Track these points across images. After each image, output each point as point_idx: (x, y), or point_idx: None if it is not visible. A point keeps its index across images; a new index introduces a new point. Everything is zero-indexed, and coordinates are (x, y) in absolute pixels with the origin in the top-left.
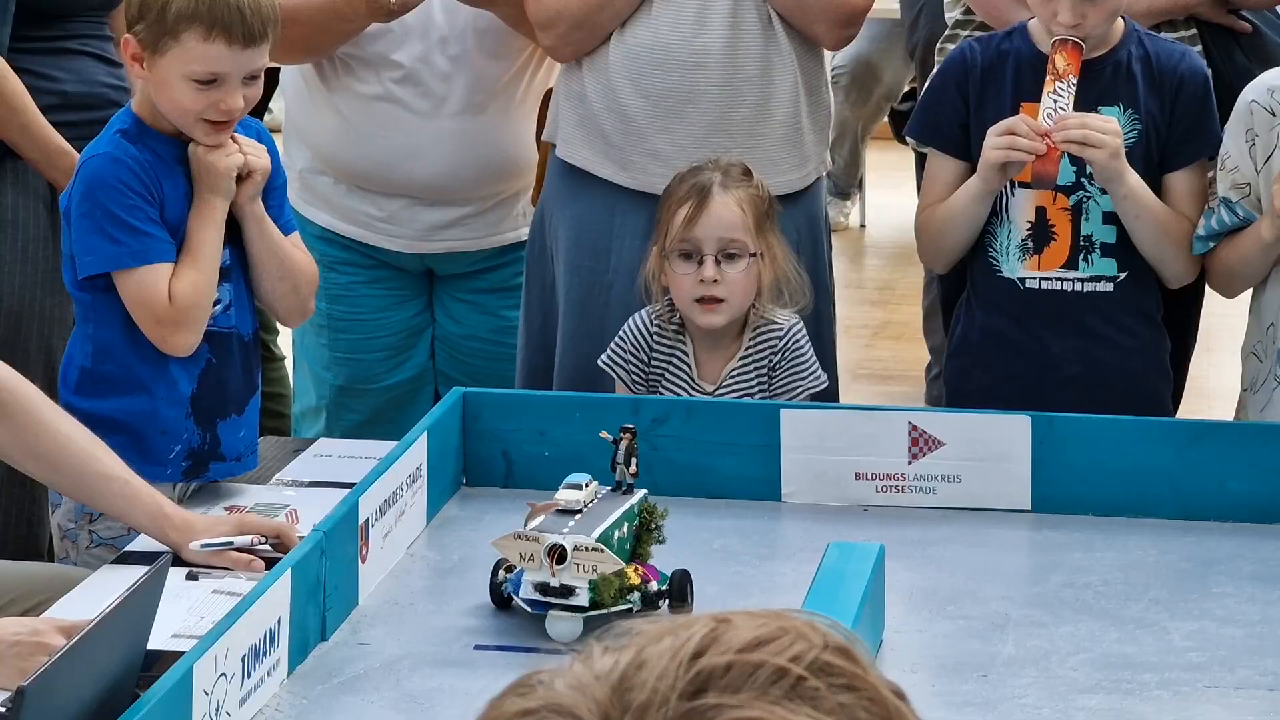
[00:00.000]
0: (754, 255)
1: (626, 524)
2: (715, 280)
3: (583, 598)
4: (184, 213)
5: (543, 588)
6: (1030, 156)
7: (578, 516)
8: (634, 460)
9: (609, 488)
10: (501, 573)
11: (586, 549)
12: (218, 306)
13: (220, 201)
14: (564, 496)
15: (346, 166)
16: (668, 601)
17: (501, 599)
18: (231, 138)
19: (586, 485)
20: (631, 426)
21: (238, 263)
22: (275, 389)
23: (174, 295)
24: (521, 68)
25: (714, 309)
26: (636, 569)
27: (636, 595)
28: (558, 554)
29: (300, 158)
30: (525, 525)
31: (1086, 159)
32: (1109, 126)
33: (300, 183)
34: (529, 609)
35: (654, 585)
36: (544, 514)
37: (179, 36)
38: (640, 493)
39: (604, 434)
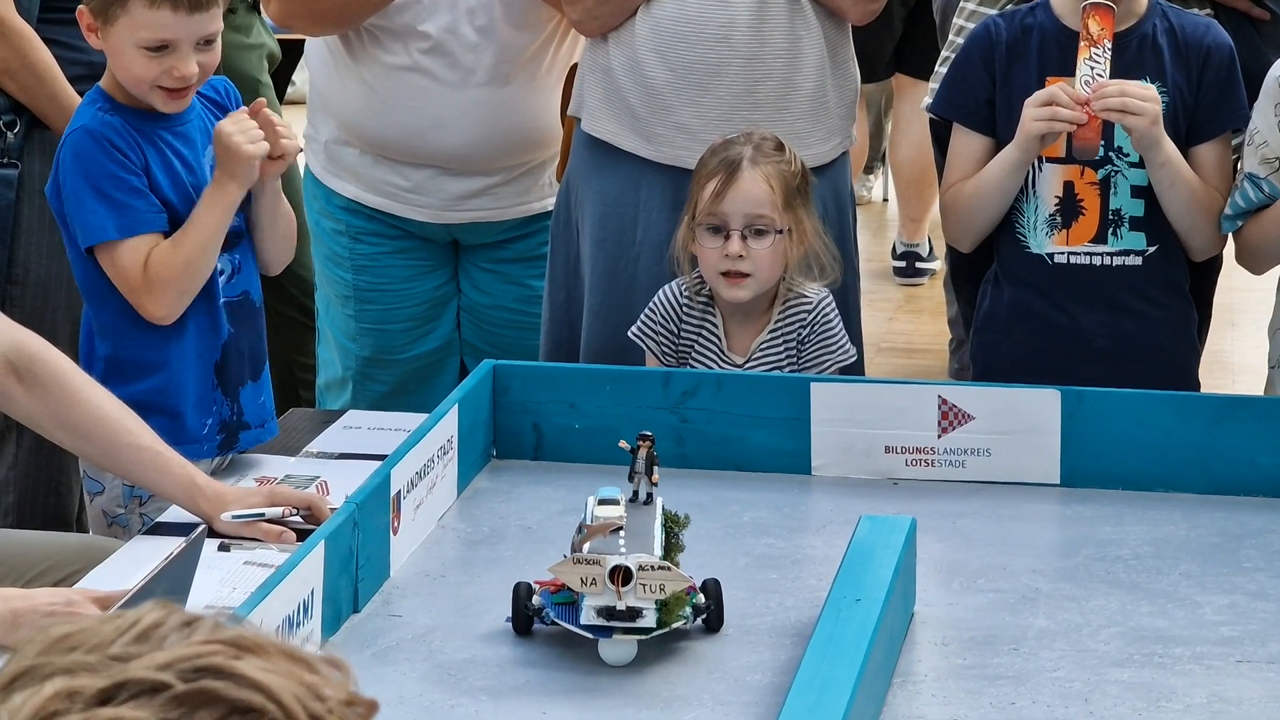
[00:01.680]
0: (780, 232)
1: (663, 536)
2: (741, 256)
3: (649, 619)
4: (167, 183)
5: (607, 612)
6: (1071, 127)
7: (623, 534)
8: (655, 469)
9: (627, 499)
10: (536, 598)
11: (652, 568)
12: (222, 276)
13: (236, 187)
14: (607, 513)
15: (373, 137)
16: (705, 615)
17: (524, 624)
18: (263, 124)
19: (621, 499)
20: (650, 434)
21: (245, 227)
22: (315, 360)
23: (148, 264)
24: (548, 38)
25: (739, 283)
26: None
27: (688, 609)
28: (622, 575)
29: (326, 129)
30: (579, 549)
31: (1127, 127)
32: (1148, 94)
33: (326, 154)
34: (590, 635)
35: (700, 597)
36: (599, 535)
37: (126, 5)
38: (659, 501)
39: (623, 444)
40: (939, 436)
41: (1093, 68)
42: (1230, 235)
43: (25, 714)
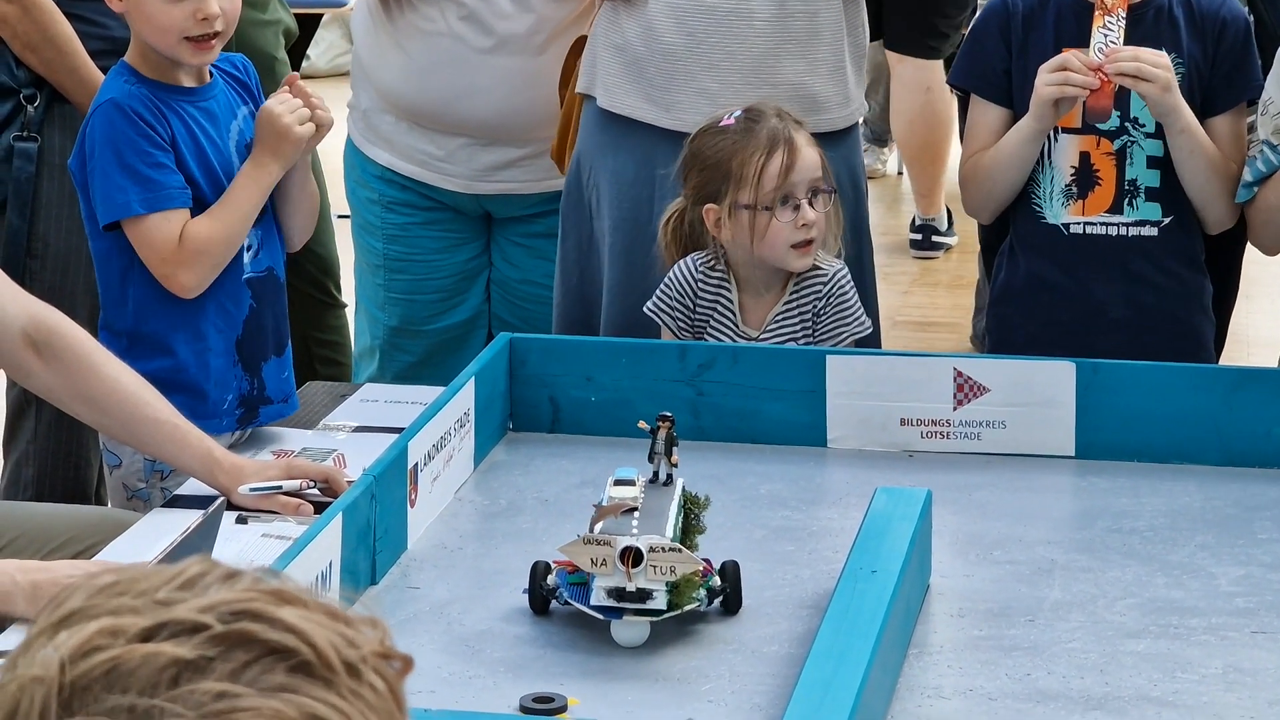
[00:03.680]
0: (835, 190)
1: (679, 518)
2: (813, 223)
3: (660, 600)
4: (193, 158)
5: (617, 593)
6: (1084, 92)
7: (637, 515)
8: (674, 450)
9: (647, 479)
10: (550, 578)
11: (664, 549)
12: (249, 253)
13: (278, 168)
14: (622, 493)
15: (407, 104)
16: (722, 597)
17: (542, 604)
18: (300, 95)
19: (638, 479)
20: (670, 415)
21: (268, 203)
22: (333, 336)
23: (185, 237)
24: (585, 11)
25: (809, 251)
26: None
27: (703, 591)
28: (632, 556)
29: (365, 96)
30: (592, 529)
31: (1140, 92)
32: (1160, 60)
33: (364, 122)
34: (600, 616)
35: (716, 580)
36: (610, 516)
37: None
38: (679, 482)
39: (642, 423)
40: (954, 409)
41: (1106, 35)
42: (1244, 214)
43: (69, 647)
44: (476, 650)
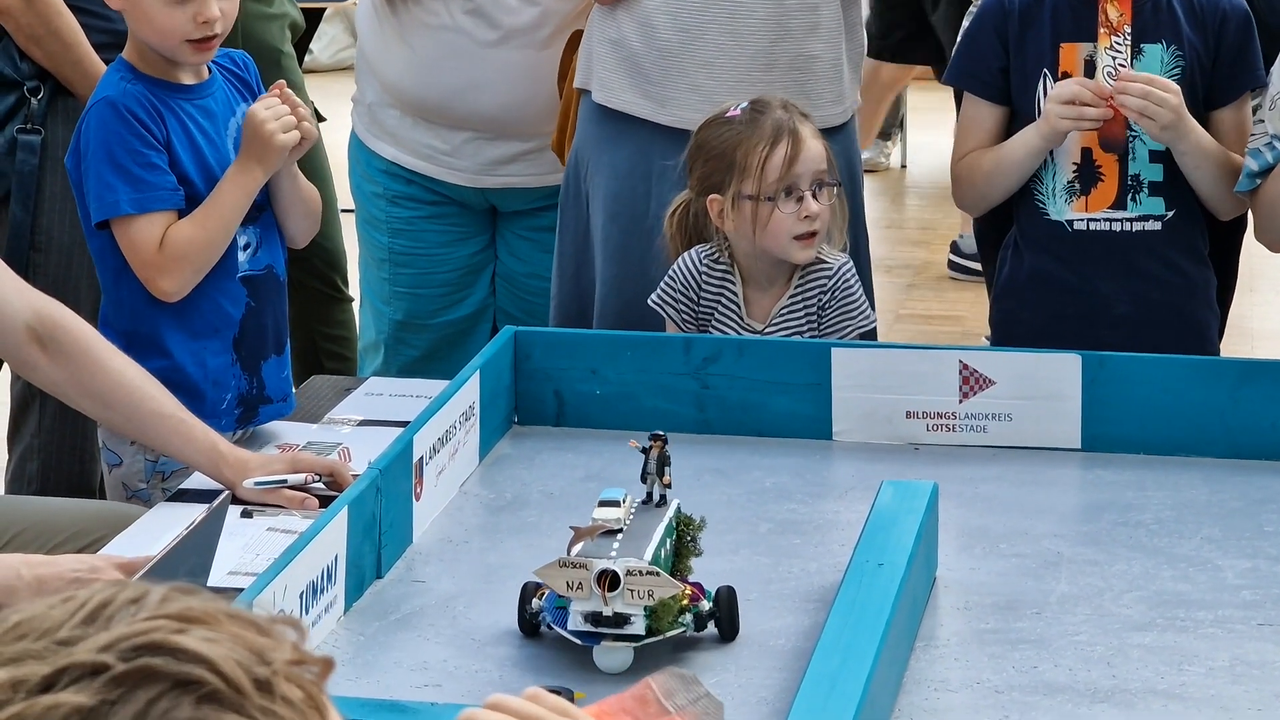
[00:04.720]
0: (839, 184)
1: (668, 540)
2: (816, 215)
3: (638, 626)
4: (188, 157)
5: (594, 618)
6: (1098, 124)
7: (620, 537)
8: (666, 470)
9: (640, 500)
10: (535, 601)
11: (641, 573)
12: (246, 251)
13: (262, 173)
14: (605, 515)
15: (412, 98)
16: (715, 620)
17: (531, 627)
18: (287, 103)
19: (624, 500)
20: (662, 434)
21: (266, 201)
22: (340, 331)
23: (166, 242)
24: (590, 5)
25: (811, 243)
26: (685, 588)
27: (689, 617)
28: (609, 580)
29: (370, 90)
30: (569, 551)
31: (1143, 127)
32: (1169, 99)
33: (369, 116)
34: (579, 641)
35: (704, 604)
36: (588, 538)
37: None
38: (674, 503)
39: (633, 443)
40: (960, 401)
41: (1114, 57)
42: (1250, 207)
43: None
44: (482, 644)
